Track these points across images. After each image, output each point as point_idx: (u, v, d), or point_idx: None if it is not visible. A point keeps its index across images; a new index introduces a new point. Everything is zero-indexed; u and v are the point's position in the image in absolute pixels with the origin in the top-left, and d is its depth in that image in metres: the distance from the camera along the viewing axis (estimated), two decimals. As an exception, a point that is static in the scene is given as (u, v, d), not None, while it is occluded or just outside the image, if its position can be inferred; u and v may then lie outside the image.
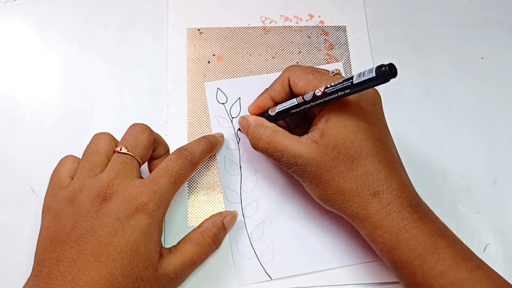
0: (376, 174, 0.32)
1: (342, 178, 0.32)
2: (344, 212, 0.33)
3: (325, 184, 0.33)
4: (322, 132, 0.32)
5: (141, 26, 0.46)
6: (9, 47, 0.44)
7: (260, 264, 0.37)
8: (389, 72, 0.27)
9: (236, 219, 0.38)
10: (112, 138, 0.34)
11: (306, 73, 0.35)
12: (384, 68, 0.27)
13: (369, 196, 0.32)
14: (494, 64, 0.46)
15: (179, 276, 0.32)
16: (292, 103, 0.35)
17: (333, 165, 0.32)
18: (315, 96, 0.32)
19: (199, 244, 0.34)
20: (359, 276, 0.37)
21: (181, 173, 0.33)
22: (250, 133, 0.36)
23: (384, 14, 0.48)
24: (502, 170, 0.42)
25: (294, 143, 0.33)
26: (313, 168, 0.32)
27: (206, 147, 0.36)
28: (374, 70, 0.28)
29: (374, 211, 0.32)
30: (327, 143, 0.32)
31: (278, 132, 0.35)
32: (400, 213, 0.31)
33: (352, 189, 0.32)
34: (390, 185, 0.32)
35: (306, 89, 0.34)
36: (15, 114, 0.42)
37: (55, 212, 0.31)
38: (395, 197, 0.32)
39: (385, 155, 0.33)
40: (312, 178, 0.33)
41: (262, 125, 0.36)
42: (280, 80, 0.36)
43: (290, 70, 0.36)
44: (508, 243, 0.39)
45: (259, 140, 0.35)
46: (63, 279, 0.28)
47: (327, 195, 0.33)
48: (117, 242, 0.29)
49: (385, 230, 0.31)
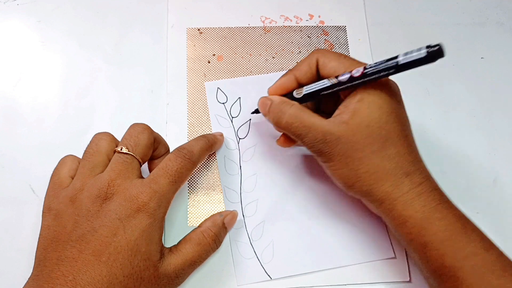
0: (407, 155, 0.32)
1: (376, 156, 0.32)
2: (374, 192, 0.32)
3: (357, 162, 0.32)
4: (354, 112, 0.32)
5: (141, 26, 0.46)
6: (9, 47, 0.44)
7: (260, 264, 0.37)
8: (440, 52, 0.27)
9: (236, 219, 0.38)
10: (112, 138, 0.34)
11: (337, 54, 0.34)
12: (436, 48, 0.27)
13: (402, 175, 0.31)
14: (494, 64, 0.46)
15: (179, 276, 0.32)
16: (323, 84, 0.34)
17: (366, 143, 0.31)
18: (352, 77, 0.32)
19: (200, 244, 0.34)
20: (359, 276, 0.37)
21: (180, 172, 0.33)
22: (273, 109, 0.35)
23: (384, 14, 0.48)
24: (502, 170, 0.42)
25: (322, 121, 0.33)
26: (344, 146, 0.32)
27: (205, 145, 0.36)
28: (424, 50, 0.28)
29: (407, 190, 0.31)
30: (359, 122, 0.31)
31: (305, 110, 0.34)
32: (431, 194, 0.31)
33: (385, 168, 0.32)
34: (420, 166, 0.32)
35: (338, 70, 0.33)
36: (15, 114, 0.42)
37: (56, 212, 0.32)
38: (425, 178, 0.32)
39: (412, 139, 0.33)
40: (343, 157, 0.32)
41: (287, 102, 0.35)
42: (308, 60, 0.35)
43: (318, 52, 0.35)
44: (508, 243, 0.39)
45: (284, 115, 0.34)
46: (64, 278, 0.28)
47: (357, 175, 0.32)
48: (118, 242, 0.29)
49: (417, 210, 0.31)
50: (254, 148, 0.41)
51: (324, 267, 0.37)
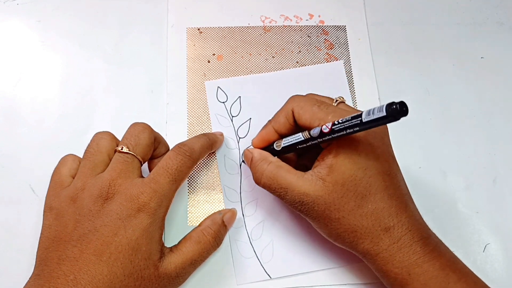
0: (386, 209, 0.31)
1: (353, 216, 0.31)
2: (355, 249, 0.32)
3: (335, 222, 0.32)
4: (330, 168, 0.31)
5: (141, 26, 0.46)
6: (9, 47, 0.44)
7: (259, 263, 0.37)
8: (400, 111, 0.26)
9: (235, 217, 0.38)
10: (113, 137, 0.34)
11: (310, 104, 0.33)
12: (395, 107, 0.26)
13: (381, 232, 0.31)
14: (494, 64, 0.46)
15: (180, 275, 0.32)
16: (298, 138, 0.33)
17: (342, 202, 0.31)
18: (322, 132, 0.31)
19: (200, 242, 0.34)
20: (359, 276, 0.37)
21: (180, 170, 0.33)
22: (253, 167, 0.35)
23: (384, 14, 0.48)
24: (502, 169, 0.42)
25: (299, 180, 0.32)
26: (321, 207, 0.31)
27: (206, 143, 0.36)
28: (384, 108, 0.26)
29: (386, 247, 0.31)
30: (335, 180, 0.31)
31: (282, 167, 0.33)
32: (411, 247, 0.31)
33: (363, 226, 0.31)
34: (401, 219, 0.31)
35: (312, 122, 0.33)
36: (15, 114, 0.42)
37: (57, 211, 0.32)
38: (406, 231, 0.31)
39: (394, 190, 0.32)
40: (321, 218, 0.32)
41: (265, 160, 0.34)
42: (284, 112, 0.35)
43: (294, 101, 0.35)
44: (508, 243, 0.39)
45: (262, 175, 0.34)
46: (65, 278, 0.28)
47: (337, 234, 0.32)
48: (119, 241, 0.30)
49: (396, 266, 0.31)
50: None
51: (324, 267, 0.37)
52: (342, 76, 0.44)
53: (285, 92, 0.42)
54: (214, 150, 0.41)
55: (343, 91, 0.44)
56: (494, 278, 0.38)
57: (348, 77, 0.45)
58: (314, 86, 0.44)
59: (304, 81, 0.44)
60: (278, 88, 0.44)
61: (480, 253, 0.39)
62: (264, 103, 0.43)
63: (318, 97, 0.36)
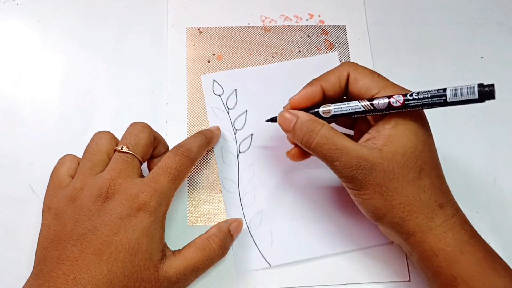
0: (440, 186, 0.31)
1: (412, 187, 0.30)
2: (405, 225, 0.31)
3: (392, 192, 0.30)
4: (388, 139, 0.30)
5: (141, 26, 0.46)
6: (9, 47, 0.44)
7: (259, 251, 0.38)
8: (491, 95, 0.26)
9: (242, 227, 0.37)
10: (112, 137, 0.34)
11: (370, 72, 0.32)
12: (488, 89, 0.26)
13: (436, 207, 0.31)
14: (494, 64, 0.46)
15: (180, 281, 0.32)
16: (355, 108, 0.31)
17: (402, 172, 0.30)
18: (391, 105, 0.30)
19: (204, 250, 0.33)
20: (359, 276, 0.37)
21: (180, 169, 0.33)
22: (300, 127, 0.32)
23: (384, 14, 0.48)
24: (502, 170, 0.42)
25: (355, 144, 0.31)
26: (379, 174, 0.30)
27: (203, 142, 0.36)
28: (476, 91, 0.26)
29: (440, 223, 0.30)
30: (395, 149, 0.30)
31: (336, 131, 0.32)
32: (463, 226, 0.31)
33: (420, 199, 0.30)
34: (451, 199, 0.32)
35: (370, 89, 0.32)
36: (15, 114, 0.42)
37: (56, 211, 0.32)
38: (456, 210, 0.31)
39: (442, 170, 0.32)
40: (377, 186, 0.30)
41: (318, 121, 0.32)
42: (337, 73, 0.33)
43: (349, 65, 0.33)
44: (508, 243, 0.39)
45: (316, 135, 0.31)
46: (64, 277, 0.28)
47: (391, 206, 0.31)
48: (119, 241, 0.30)
49: (449, 243, 0.30)
50: (251, 139, 0.41)
51: (323, 253, 0.38)
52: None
53: (280, 84, 0.43)
54: (212, 147, 0.41)
55: None
56: (494, 278, 0.38)
57: (348, 77, 0.45)
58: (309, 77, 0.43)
59: (299, 72, 0.45)
60: (274, 80, 0.44)
61: (480, 253, 0.39)
62: (260, 95, 0.43)
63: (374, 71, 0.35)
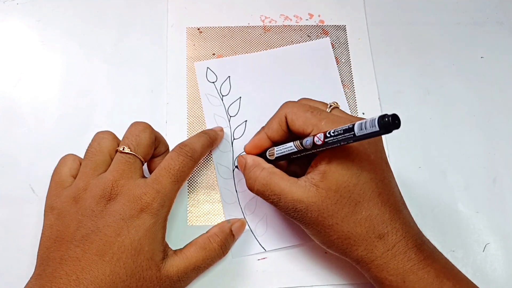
0: (380, 216, 0.31)
1: (346, 222, 0.31)
2: (348, 256, 0.32)
3: (328, 229, 0.31)
4: (323, 175, 0.31)
5: (141, 26, 0.46)
6: (8, 46, 0.44)
7: (254, 236, 0.38)
8: (392, 124, 0.25)
9: (244, 227, 0.37)
10: (114, 137, 0.34)
11: (304, 110, 0.33)
12: (387, 120, 0.25)
13: (375, 239, 0.31)
14: (494, 63, 0.46)
15: (182, 280, 0.32)
16: (291, 149, 0.33)
17: (336, 209, 0.31)
18: (315, 144, 0.31)
19: (205, 249, 0.33)
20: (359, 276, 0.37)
21: (182, 170, 0.33)
22: (246, 173, 0.34)
23: (384, 14, 0.48)
24: (501, 169, 0.42)
25: (292, 186, 0.32)
26: (314, 214, 0.31)
27: (207, 142, 0.36)
28: (376, 123, 0.26)
29: (380, 254, 0.31)
30: (328, 186, 0.31)
31: (276, 174, 0.33)
32: (405, 254, 0.30)
33: (357, 233, 0.31)
34: (395, 226, 0.31)
35: (305, 128, 0.32)
36: (15, 114, 0.42)
37: (59, 211, 0.32)
38: (400, 238, 0.31)
39: (387, 196, 0.32)
40: (314, 224, 0.32)
41: (258, 166, 0.34)
42: (277, 118, 0.34)
43: (287, 107, 0.34)
44: (507, 243, 0.39)
45: (255, 182, 0.33)
46: (67, 278, 0.28)
47: (330, 241, 0.32)
48: (122, 242, 0.30)
49: (391, 273, 0.30)
50: (245, 125, 0.42)
51: None
52: (330, 53, 0.45)
53: (274, 70, 0.44)
54: (214, 147, 0.41)
55: (330, 67, 0.45)
56: (494, 277, 0.38)
57: (348, 77, 0.45)
58: (302, 64, 0.45)
59: (292, 59, 0.45)
60: (267, 66, 0.44)
61: (480, 253, 0.39)
62: (254, 82, 0.44)
63: (312, 103, 0.36)
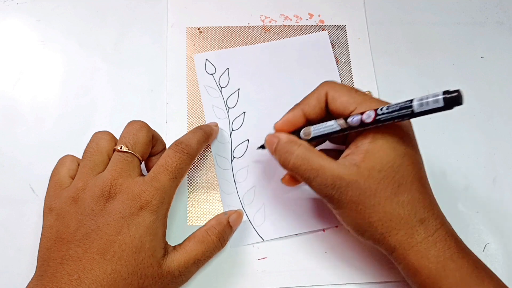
0: (421, 200, 0.30)
1: (389, 203, 0.30)
2: (386, 241, 0.31)
3: (370, 209, 0.30)
4: (366, 154, 0.30)
5: (141, 25, 0.46)
6: (8, 46, 0.44)
7: (252, 226, 0.38)
8: (458, 100, 0.25)
9: (242, 218, 0.38)
10: (112, 137, 0.34)
11: (347, 89, 0.32)
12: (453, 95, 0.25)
13: (416, 223, 0.30)
14: (494, 63, 0.46)
15: (183, 274, 0.32)
16: (332, 128, 0.31)
17: (379, 188, 0.30)
18: (363, 122, 0.30)
19: (203, 242, 0.34)
20: (359, 275, 0.37)
21: (180, 167, 0.33)
22: (280, 148, 0.33)
23: (384, 13, 0.48)
24: (501, 169, 0.42)
25: (331, 163, 0.31)
26: (355, 192, 0.30)
27: (202, 137, 0.36)
28: (441, 99, 0.25)
29: (421, 239, 0.30)
30: (372, 165, 0.30)
31: (314, 151, 0.32)
32: (446, 242, 0.30)
33: (399, 215, 0.30)
34: (434, 212, 0.30)
35: (348, 106, 0.31)
36: (15, 114, 0.42)
37: (58, 211, 0.32)
38: (439, 225, 0.30)
39: (426, 182, 0.31)
40: (353, 204, 0.30)
41: (295, 142, 0.33)
42: (316, 94, 0.33)
43: (327, 84, 0.33)
44: (507, 242, 0.39)
45: (292, 155, 0.32)
46: (68, 277, 0.28)
47: (369, 223, 0.30)
48: (122, 240, 0.30)
49: (432, 260, 0.29)
50: (244, 117, 0.42)
51: (314, 228, 0.38)
52: (328, 46, 0.46)
53: (272, 62, 0.44)
54: (210, 142, 0.41)
55: (328, 61, 0.45)
56: (494, 277, 0.38)
57: (348, 77, 0.45)
58: (301, 56, 0.45)
59: (290, 51, 0.45)
60: (265, 59, 0.45)
61: (480, 253, 0.39)
62: (252, 74, 0.44)
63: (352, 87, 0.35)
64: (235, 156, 0.41)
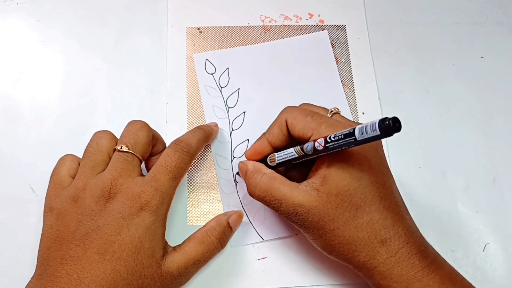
0: (382, 221, 0.30)
1: (348, 227, 0.30)
2: (350, 262, 0.32)
3: (329, 234, 0.31)
4: (323, 179, 0.31)
5: (141, 25, 0.46)
6: (8, 46, 0.44)
7: (252, 226, 0.38)
8: (393, 128, 0.25)
9: (241, 219, 0.37)
10: (112, 136, 0.34)
11: (304, 115, 0.33)
12: (388, 123, 0.25)
13: (377, 245, 0.30)
14: (494, 63, 0.46)
15: (182, 275, 0.32)
16: (291, 155, 0.33)
17: (337, 213, 0.30)
18: (315, 149, 0.30)
19: (203, 243, 0.34)
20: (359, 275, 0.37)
21: (179, 166, 0.33)
22: (247, 179, 0.34)
23: (384, 13, 0.48)
24: (501, 169, 0.42)
25: (293, 191, 0.31)
26: (315, 218, 0.31)
27: (202, 137, 0.36)
28: (377, 127, 0.26)
29: (383, 260, 0.30)
30: (329, 190, 0.30)
31: (276, 179, 0.33)
32: (409, 261, 0.30)
33: (358, 238, 0.30)
34: (397, 231, 0.30)
35: (305, 132, 0.32)
36: (15, 113, 0.42)
37: (58, 211, 0.32)
38: (403, 243, 0.30)
39: (389, 201, 0.31)
40: (315, 229, 0.31)
41: (259, 171, 0.34)
42: (278, 123, 0.34)
43: (287, 112, 0.34)
44: (507, 242, 0.39)
45: (256, 188, 0.33)
46: (68, 277, 0.28)
47: (332, 246, 0.31)
48: (122, 240, 0.30)
49: (395, 280, 0.30)
50: (244, 116, 0.42)
51: None
52: (328, 46, 0.46)
53: (271, 62, 0.44)
54: (210, 142, 0.41)
55: (328, 60, 0.45)
56: (494, 277, 0.38)
57: (348, 77, 0.45)
58: (301, 56, 0.45)
59: (290, 51, 0.45)
60: (265, 59, 0.45)
61: (480, 253, 0.39)
62: (252, 73, 0.44)
63: (312, 108, 0.36)
64: (235, 156, 0.41)
